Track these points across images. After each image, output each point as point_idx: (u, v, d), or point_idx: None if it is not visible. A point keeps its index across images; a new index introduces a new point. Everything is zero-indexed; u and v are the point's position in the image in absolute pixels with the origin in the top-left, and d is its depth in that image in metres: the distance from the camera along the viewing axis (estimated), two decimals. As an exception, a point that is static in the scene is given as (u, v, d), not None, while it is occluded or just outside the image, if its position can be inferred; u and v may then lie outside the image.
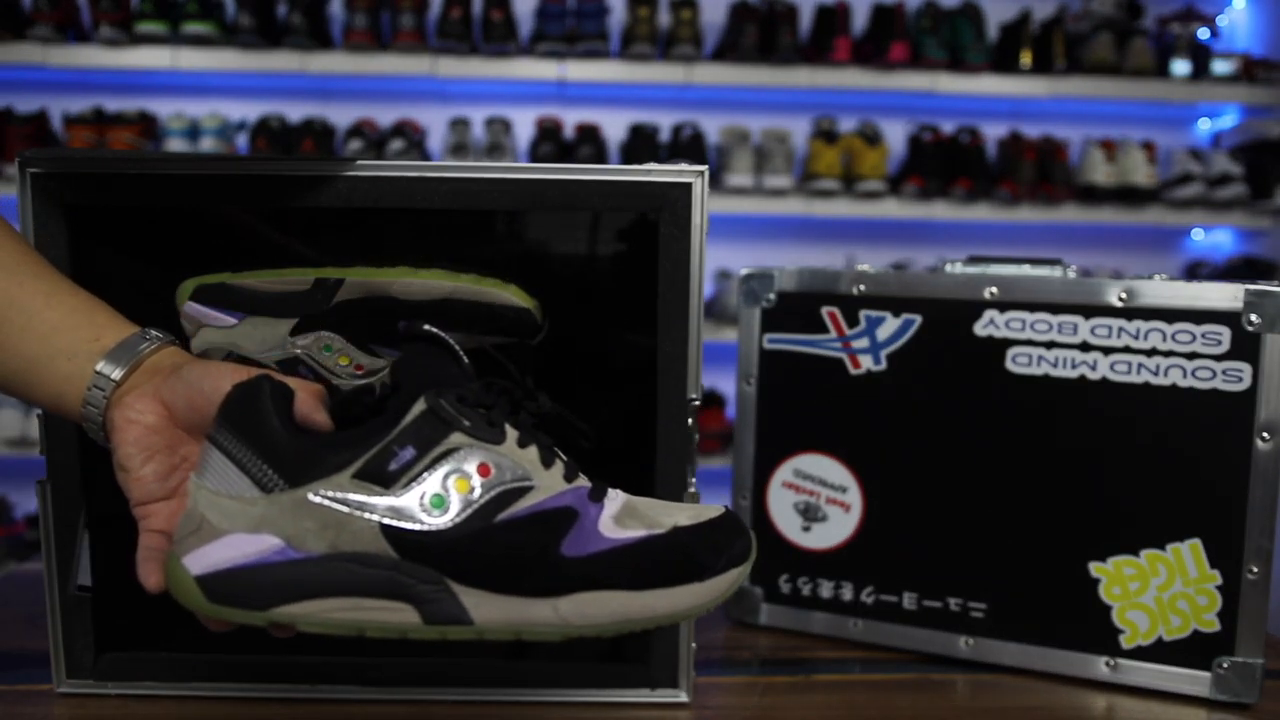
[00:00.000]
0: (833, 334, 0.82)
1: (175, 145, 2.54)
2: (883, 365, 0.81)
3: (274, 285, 0.65)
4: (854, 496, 0.83)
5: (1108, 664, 0.76)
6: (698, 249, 0.67)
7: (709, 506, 0.54)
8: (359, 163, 0.66)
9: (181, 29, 2.41)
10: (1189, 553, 0.74)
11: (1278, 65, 2.67)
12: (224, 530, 0.47)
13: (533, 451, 0.51)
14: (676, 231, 0.67)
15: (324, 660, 0.71)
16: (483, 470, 0.49)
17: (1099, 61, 2.56)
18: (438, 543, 0.48)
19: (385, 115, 2.65)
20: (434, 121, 2.68)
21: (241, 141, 2.60)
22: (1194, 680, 0.74)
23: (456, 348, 0.54)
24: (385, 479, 0.48)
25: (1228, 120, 2.83)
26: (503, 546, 0.48)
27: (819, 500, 0.84)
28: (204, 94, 2.65)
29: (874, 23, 2.64)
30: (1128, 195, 2.63)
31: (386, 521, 0.47)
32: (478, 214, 0.68)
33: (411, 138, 2.56)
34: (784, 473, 0.85)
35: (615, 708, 0.70)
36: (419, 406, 0.49)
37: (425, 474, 0.48)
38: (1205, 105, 2.80)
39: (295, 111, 2.62)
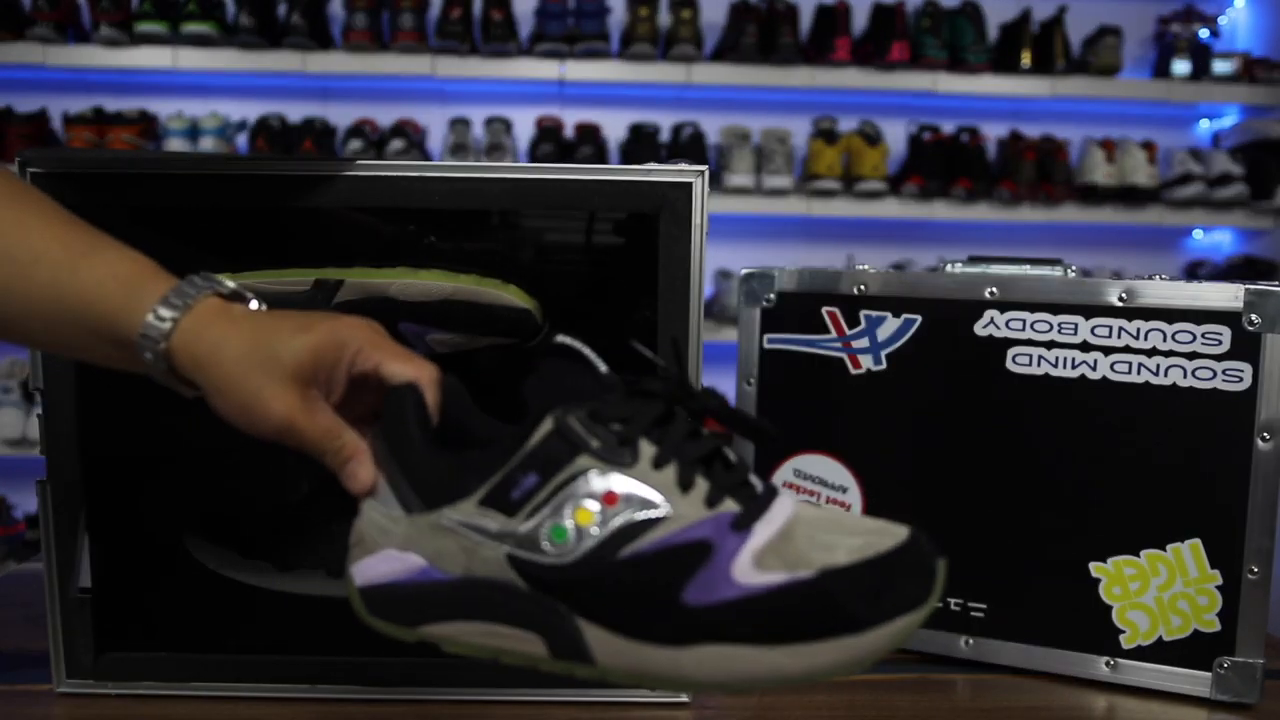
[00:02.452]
0: (833, 334, 0.82)
1: (175, 145, 2.54)
2: (883, 365, 0.81)
3: (274, 286, 0.65)
4: (854, 496, 0.83)
5: (1108, 664, 0.76)
6: (698, 249, 0.67)
7: (891, 529, 0.45)
8: (359, 163, 0.66)
9: (181, 29, 2.41)
10: (1189, 553, 0.74)
11: (1278, 65, 2.66)
12: (379, 545, 0.47)
13: (670, 473, 0.45)
14: (676, 231, 0.67)
15: (324, 660, 0.71)
16: (608, 499, 0.44)
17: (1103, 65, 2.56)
18: (559, 579, 0.44)
19: (385, 115, 2.65)
20: (434, 121, 2.68)
21: (241, 141, 2.60)
22: (1194, 680, 0.74)
23: (593, 357, 0.47)
24: (509, 507, 0.45)
25: (1228, 120, 2.83)
26: (624, 586, 0.44)
27: (819, 500, 0.84)
28: (204, 94, 2.65)
29: (874, 23, 2.63)
30: (1128, 195, 2.63)
31: (511, 551, 0.45)
32: (477, 214, 0.68)
33: (411, 138, 2.56)
34: (784, 473, 0.84)
35: (615, 707, 0.70)
36: (545, 426, 0.45)
37: (548, 503, 0.45)
38: (1205, 105, 2.79)
39: (295, 111, 2.62)
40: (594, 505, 0.44)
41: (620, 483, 0.44)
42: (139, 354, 0.47)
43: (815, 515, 0.46)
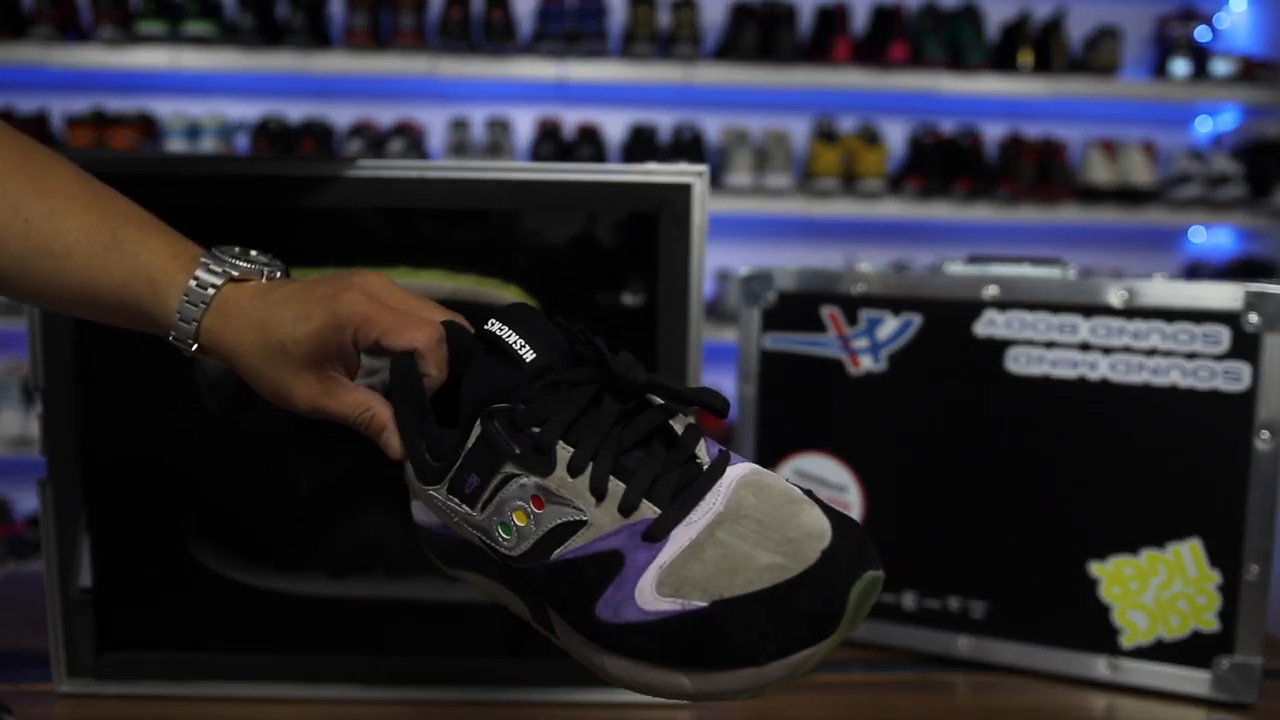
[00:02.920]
0: (833, 334, 0.82)
1: (175, 145, 2.54)
2: (883, 365, 0.81)
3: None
4: (854, 496, 0.83)
5: (1108, 664, 0.76)
6: (698, 249, 0.67)
7: (813, 542, 0.41)
8: (359, 163, 0.66)
9: (181, 29, 2.41)
10: (1189, 553, 0.74)
11: (1278, 65, 2.67)
12: (416, 495, 0.50)
13: (584, 480, 0.44)
14: (676, 231, 0.67)
15: (324, 660, 0.71)
16: (536, 503, 0.44)
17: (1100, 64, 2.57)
18: (514, 567, 0.46)
19: (385, 115, 2.65)
20: (434, 121, 2.68)
21: (241, 141, 2.60)
22: (1194, 680, 0.74)
23: (517, 352, 0.46)
24: (466, 499, 0.46)
25: (1228, 120, 2.83)
26: (559, 585, 0.44)
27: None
28: (204, 94, 2.65)
29: (874, 23, 2.64)
30: (1128, 195, 2.63)
31: (477, 535, 0.47)
32: (477, 214, 0.68)
33: (411, 138, 2.56)
34: (784, 472, 0.85)
35: (615, 707, 0.70)
36: (475, 430, 0.46)
37: (491, 501, 0.46)
38: (1205, 105, 2.79)
39: (295, 111, 2.62)
40: (526, 507, 0.44)
41: (544, 487, 0.44)
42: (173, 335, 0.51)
43: (750, 511, 0.42)
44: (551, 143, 2.57)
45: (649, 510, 0.43)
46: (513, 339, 0.46)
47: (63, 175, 0.51)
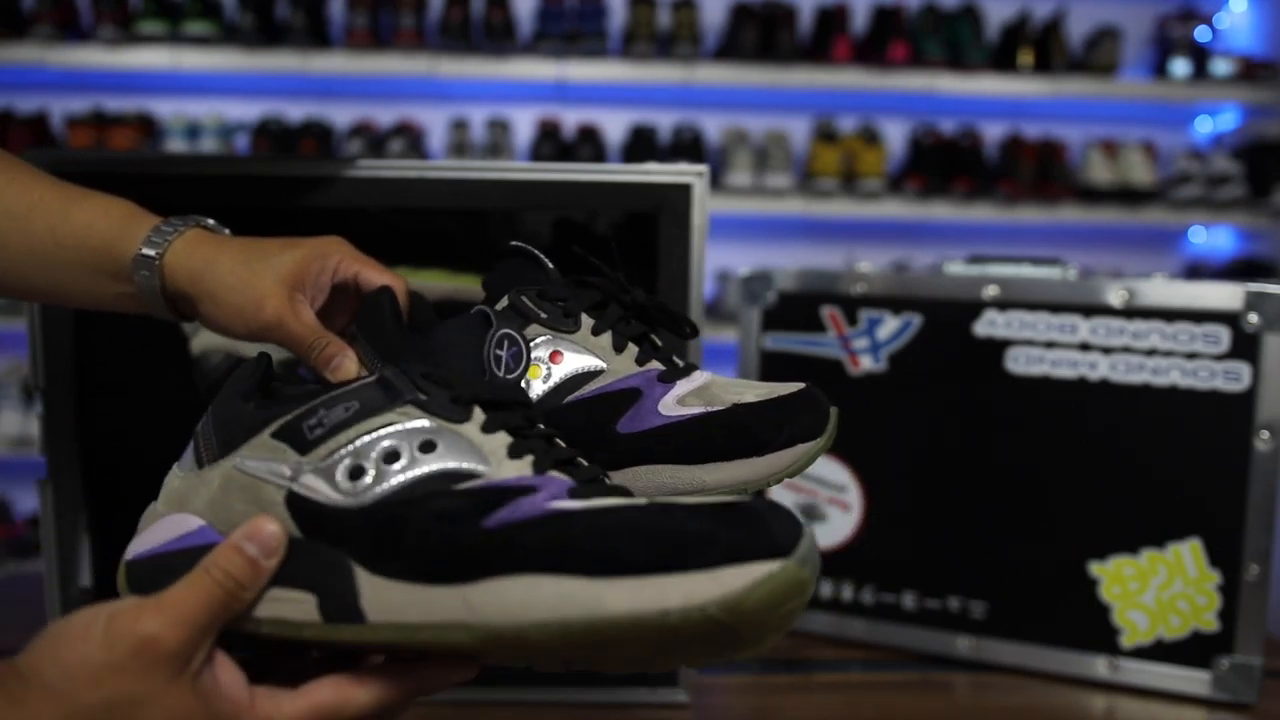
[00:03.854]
0: (833, 334, 0.82)
1: (175, 145, 2.54)
2: (883, 365, 0.81)
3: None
4: (854, 496, 0.83)
5: (1107, 664, 0.76)
6: (698, 249, 0.67)
7: (789, 385, 0.53)
8: (359, 163, 0.66)
9: (181, 29, 2.41)
10: (1189, 553, 0.74)
11: (1278, 65, 2.67)
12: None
13: (606, 338, 0.52)
14: (676, 231, 0.67)
15: (324, 660, 0.71)
16: (554, 357, 0.52)
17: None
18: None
19: (385, 115, 2.65)
20: (434, 121, 2.68)
21: (241, 141, 2.60)
22: (1194, 680, 0.74)
23: (542, 257, 0.55)
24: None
25: (1228, 120, 2.83)
26: (576, 420, 0.50)
27: (819, 500, 0.84)
28: (204, 94, 2.65)
29: (874, 23, 2.64)
30: (1128, 195, 2.63)
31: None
32: (478, 214, 0.68)
33: (411, 138, 2.56)
34: (784, 473, 0.85)
35: (615, 707, 0.70)
36: (502, 303, 0.53)
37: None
38: (1205, 105, 2.79)
39: (295, 111, 2.62)
40: (544, 361, 0.52)
41: (565, 344, 0.52)
42: (134, 277, 0.52)
43: (726, 379, 0.54)
44: (551, 143, 2.57)
45: (658, 365, 0.53)
46: (539, 255, 0.55)
47: (21, 163, 0.55)
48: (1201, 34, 2.67)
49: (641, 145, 2.59)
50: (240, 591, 0.40)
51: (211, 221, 0.55)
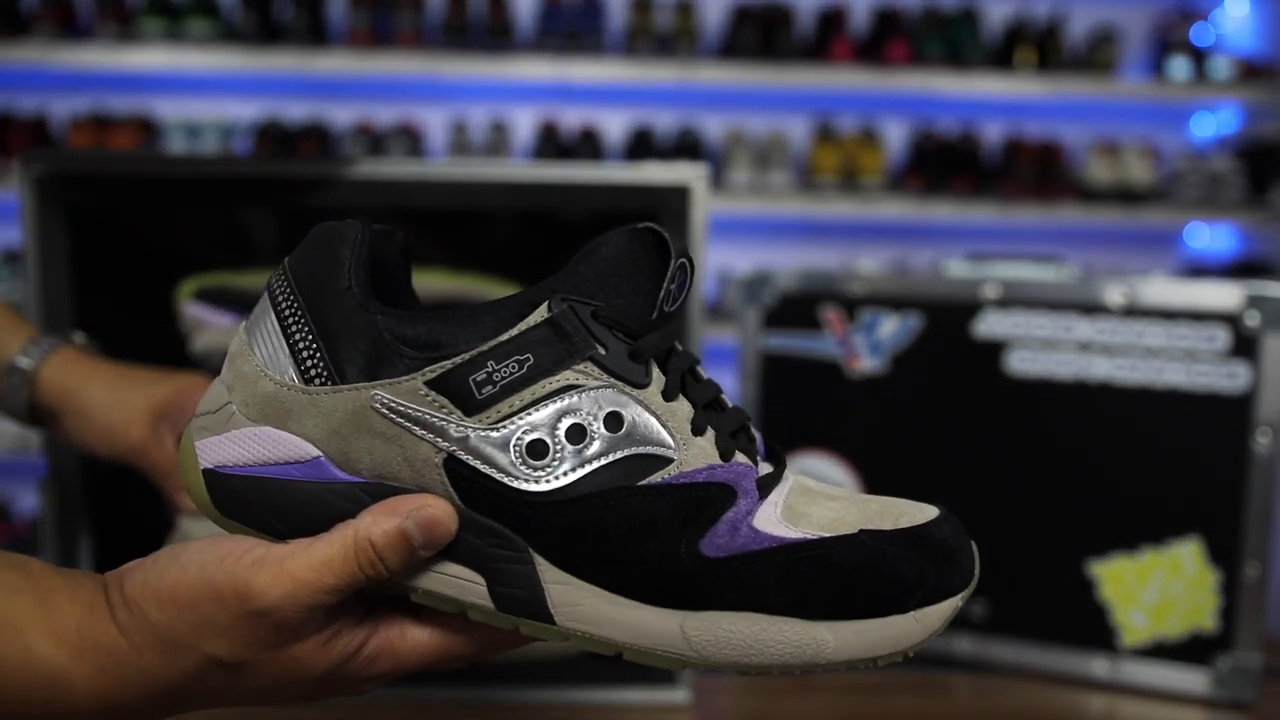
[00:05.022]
0: (833, 334, 0.82)
1: (175, 145, 2.54)
2: (883, 365, 0.81)
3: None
4: (854, 496, 0.83)
5: (1107, 664, 0.76)
6: (698, 249, 0.68)
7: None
8: (359, 163, 0.66)
9: (181, 29, 2.41)
10: (1188, 552, 0.74)
11: (1278, 65, 2.67)
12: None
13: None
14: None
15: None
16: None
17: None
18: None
19: (385, 115, 2.65)
20: (434, 121, 2.68)
21: (241, 141, 2.60)
22: (1193, 680, 0.74)
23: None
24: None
25: (1227, 121, 2.83)
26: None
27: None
28: (204, 94, 2.65)
29: (874, 23, 2.64)
30: (1127, 195, 2.63)
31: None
32: (477, 214, 0.68)
33: (411, 138, 2.56)
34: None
35: (615, 707, 0.70)
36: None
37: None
38: (1204, 105, 2.79)
39: (295, 111, 2.62)
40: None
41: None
42: (2, 385, 0.56)
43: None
44: (551, 143, 2.57)
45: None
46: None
47: None
48: (1201, 34, 2.67)
49: (641, 145, 2.59)
50: (385, 576, 0.35)
51: (82, 339, 0.59)
